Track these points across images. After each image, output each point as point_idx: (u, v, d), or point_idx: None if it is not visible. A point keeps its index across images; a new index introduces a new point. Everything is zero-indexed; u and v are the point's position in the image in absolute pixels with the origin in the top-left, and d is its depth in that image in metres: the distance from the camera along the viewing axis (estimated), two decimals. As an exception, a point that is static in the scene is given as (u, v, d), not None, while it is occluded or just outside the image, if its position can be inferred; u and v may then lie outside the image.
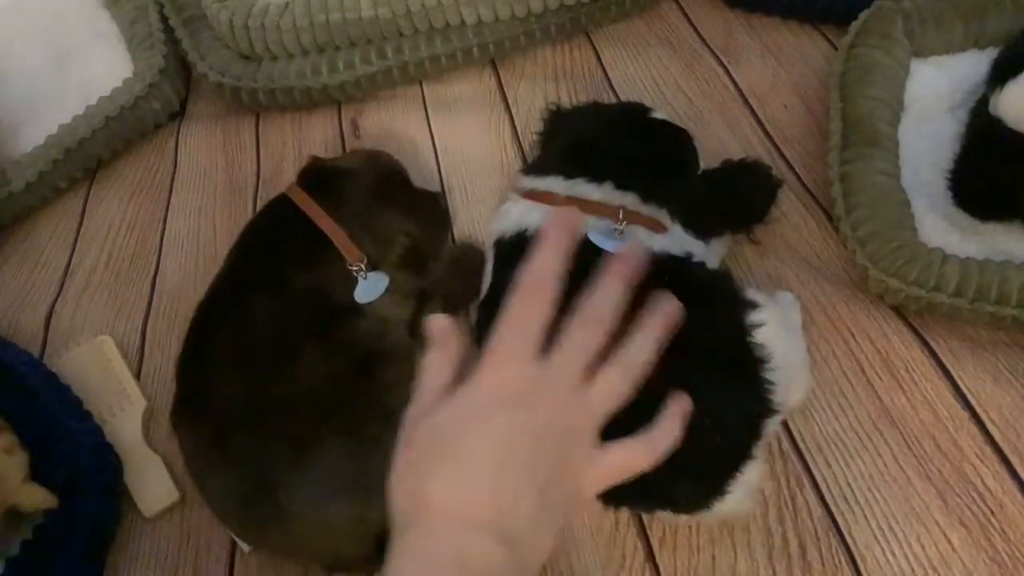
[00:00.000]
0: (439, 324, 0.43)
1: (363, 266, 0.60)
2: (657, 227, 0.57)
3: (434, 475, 0.38)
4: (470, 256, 0.66)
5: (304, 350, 0.56)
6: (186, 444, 0.57)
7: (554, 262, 0.41)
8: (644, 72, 0.83)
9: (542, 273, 0.41)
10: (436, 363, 0.42)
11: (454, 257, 0.68)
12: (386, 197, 0.65)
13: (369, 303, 0.60)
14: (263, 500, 0.52)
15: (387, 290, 0.60)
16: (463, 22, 0.81)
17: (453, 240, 0.72)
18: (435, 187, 0.75)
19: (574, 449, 0.40)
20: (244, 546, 0.57)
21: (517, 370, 0.40)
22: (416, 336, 0.62)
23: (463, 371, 0.41)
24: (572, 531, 0.54)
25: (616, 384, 0.41)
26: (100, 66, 0.92)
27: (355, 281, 0.60)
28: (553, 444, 0.39)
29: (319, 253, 0.61)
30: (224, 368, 0.56)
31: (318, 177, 0.66)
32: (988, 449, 0.53)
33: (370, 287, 0.60)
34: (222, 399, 0.55)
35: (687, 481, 0.49)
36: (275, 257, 0.61)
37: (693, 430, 0.48)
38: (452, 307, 0.66)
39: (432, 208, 0.70)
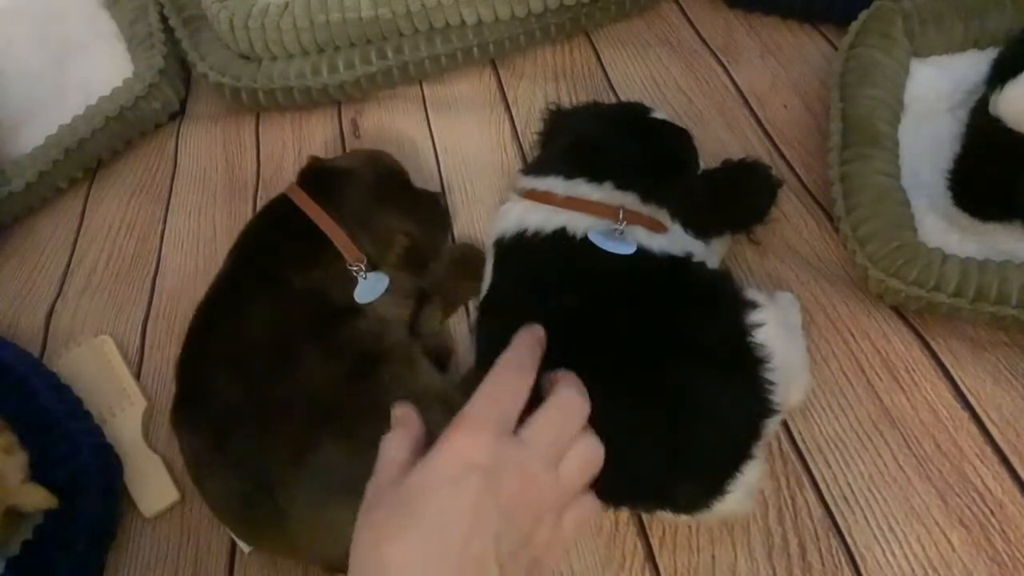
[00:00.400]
0: (402, 410, 0.44)
1: (363, 266, 0.60)
2: (657, 227, 0.57)
3: (396, 536, 0.36)
4: (470, 256, 0.66)
5: (304, 350, 0.56)
6: (186, 444, 0.57)
7: (531, 357, 0.42)
8: (644, 72, 0.83)
9: (520, 360, 0.41)
10: (397, 439, 0.42)
11: (454, 257, 0.68)
12: (386, 197, 0.65)
13: (369, 303, 0.59)
14: (263, 500, 0.51)
15: (387, 290, 0.60)
16: (463, 22, 0.81)
17: (453, 240, 0.72)
18: (435, 187, 0.75)
19: (542, 525, 0.39)
20: (244, 546, 0.57)
21: (488, 438, 0.38)
22: (416, 336, 0.62)
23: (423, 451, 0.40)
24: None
25: (590, 456, 0.41)
26: (100, 66, 0.92)
27: (355, 281, 0.60)
28: (522, 519, 0.38)
29: (319, 253, 0.60)
30: (224, 368, 0.56)
31: (318, 177, 0.66)
32: (988, 449, 0.53)
33: (370, 287, 0.60)
34: (222, 399, 0.55)
35: (687, 481, 0.49)
36: (275, 257, 0.61)
37: (694, 430, 0.48)
38: (452, 307, 0.66)
39: (432, 208, 0.70)
